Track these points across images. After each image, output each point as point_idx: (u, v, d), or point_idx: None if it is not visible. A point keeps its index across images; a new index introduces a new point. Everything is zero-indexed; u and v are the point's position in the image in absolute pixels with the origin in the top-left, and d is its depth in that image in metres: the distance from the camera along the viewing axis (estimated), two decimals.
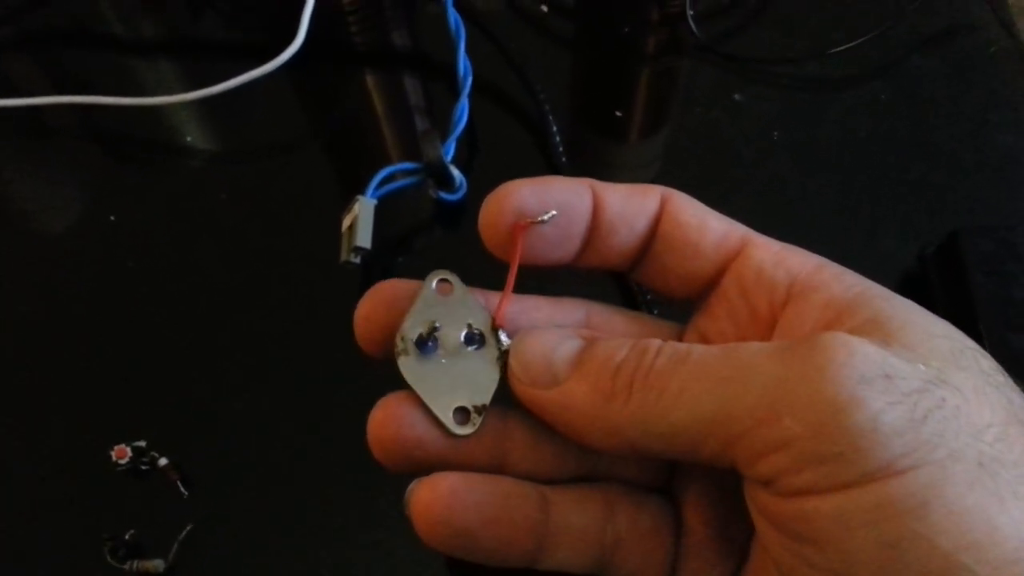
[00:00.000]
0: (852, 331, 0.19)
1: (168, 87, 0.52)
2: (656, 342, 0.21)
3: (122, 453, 0.37)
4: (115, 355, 0.42)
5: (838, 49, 0.51)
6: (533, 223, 0.22)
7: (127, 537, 0.36)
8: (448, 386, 0.22)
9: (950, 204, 0.46)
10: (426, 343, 0.22)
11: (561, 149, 0.47)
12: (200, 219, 0.47)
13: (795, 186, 0.47)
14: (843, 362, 0.17)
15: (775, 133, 0.49)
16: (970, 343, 0.20)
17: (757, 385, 0.18)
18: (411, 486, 0.22)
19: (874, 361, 0.17)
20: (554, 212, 0.22)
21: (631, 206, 0.23)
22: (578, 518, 0.23)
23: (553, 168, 0.47)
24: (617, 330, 0.25)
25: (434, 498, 0.21)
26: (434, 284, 0.23)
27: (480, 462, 0.23)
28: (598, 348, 0.21)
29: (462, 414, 0.22)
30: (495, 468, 0.23)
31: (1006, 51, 0.52)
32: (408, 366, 0.22)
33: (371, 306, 0.23)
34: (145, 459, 0.38)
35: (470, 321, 0.23)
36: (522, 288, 0.24)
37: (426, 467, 0.23)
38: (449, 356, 0.23)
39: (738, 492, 0.21)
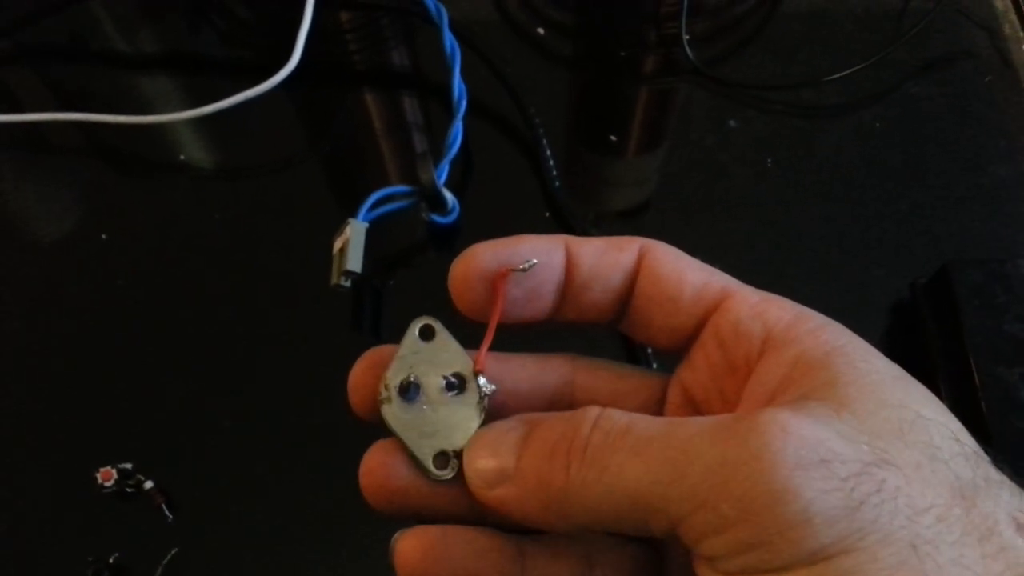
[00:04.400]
0: (808, 394, 0.19)
1: (164, 104, 0.52)
2: (592, 414, 0.21)
3: (108, 475, 0.37)
4: (102, 374, 0.42)
5: (833, 76, 0.51)
6: (513, 271, 0.22)
7: (111, 560, 0.36)
8: (430, 432, 0.23)
9: (942, 234, 0.46)
10: (408, 390, 0.23)
11: (555, 172, 0.47)
12: (192, 238, 0.47)
13: (787, 213, 0.47)
14: (779, 448, 0.17)
15: (768, 159, 0.49)
16: (927, 411, 0.19)
17: (696, 469, 0.18)
18: (395, 537, 0.23)
19: (811, 445, 0.18)
20: (535, 260, 0.22)
21: (605, 261, 0.23)
22: (554, 571, 0.23)
23: (546, 191, 0.47)
24: (602, 386, 0.25)
25: (414, 552, 0.22)
26: (416, 331, 0.24)
27: (464, 510, 0.23)
28: (537, 432, 0.21)
29: (442, 459, 0.23)
30: (479, 516, 0.23)
31: (1002, 80, 0.52)
32: (391, 413, 0.23)
33: (361, 373, 0.24)
34: (131, 482, 0.38)
35: (452, 367, 0.24)
36: (512, 338, 0.24)
37: (413, 513, 0.23)
38: (431, 402, 0.23)
39: None
